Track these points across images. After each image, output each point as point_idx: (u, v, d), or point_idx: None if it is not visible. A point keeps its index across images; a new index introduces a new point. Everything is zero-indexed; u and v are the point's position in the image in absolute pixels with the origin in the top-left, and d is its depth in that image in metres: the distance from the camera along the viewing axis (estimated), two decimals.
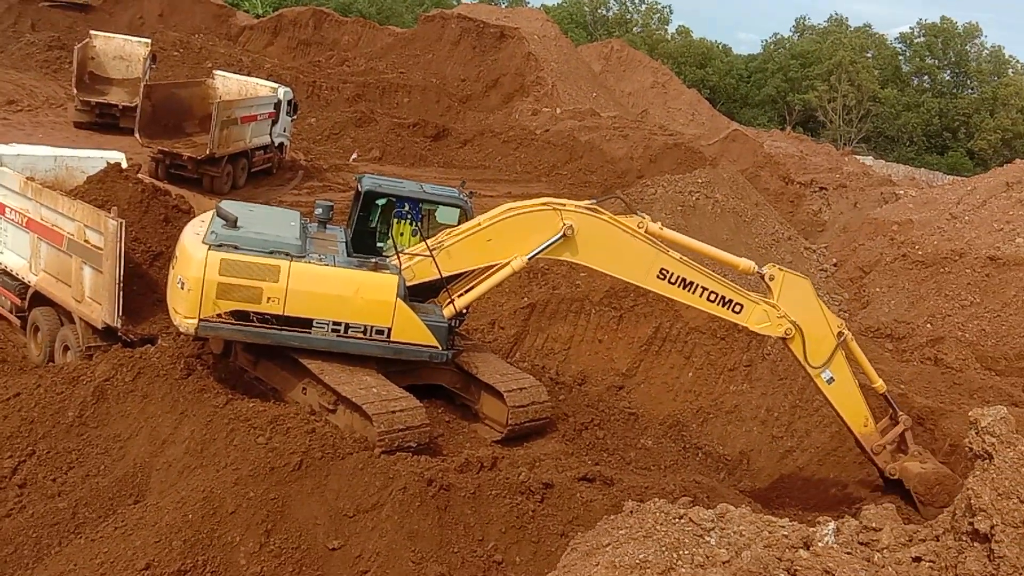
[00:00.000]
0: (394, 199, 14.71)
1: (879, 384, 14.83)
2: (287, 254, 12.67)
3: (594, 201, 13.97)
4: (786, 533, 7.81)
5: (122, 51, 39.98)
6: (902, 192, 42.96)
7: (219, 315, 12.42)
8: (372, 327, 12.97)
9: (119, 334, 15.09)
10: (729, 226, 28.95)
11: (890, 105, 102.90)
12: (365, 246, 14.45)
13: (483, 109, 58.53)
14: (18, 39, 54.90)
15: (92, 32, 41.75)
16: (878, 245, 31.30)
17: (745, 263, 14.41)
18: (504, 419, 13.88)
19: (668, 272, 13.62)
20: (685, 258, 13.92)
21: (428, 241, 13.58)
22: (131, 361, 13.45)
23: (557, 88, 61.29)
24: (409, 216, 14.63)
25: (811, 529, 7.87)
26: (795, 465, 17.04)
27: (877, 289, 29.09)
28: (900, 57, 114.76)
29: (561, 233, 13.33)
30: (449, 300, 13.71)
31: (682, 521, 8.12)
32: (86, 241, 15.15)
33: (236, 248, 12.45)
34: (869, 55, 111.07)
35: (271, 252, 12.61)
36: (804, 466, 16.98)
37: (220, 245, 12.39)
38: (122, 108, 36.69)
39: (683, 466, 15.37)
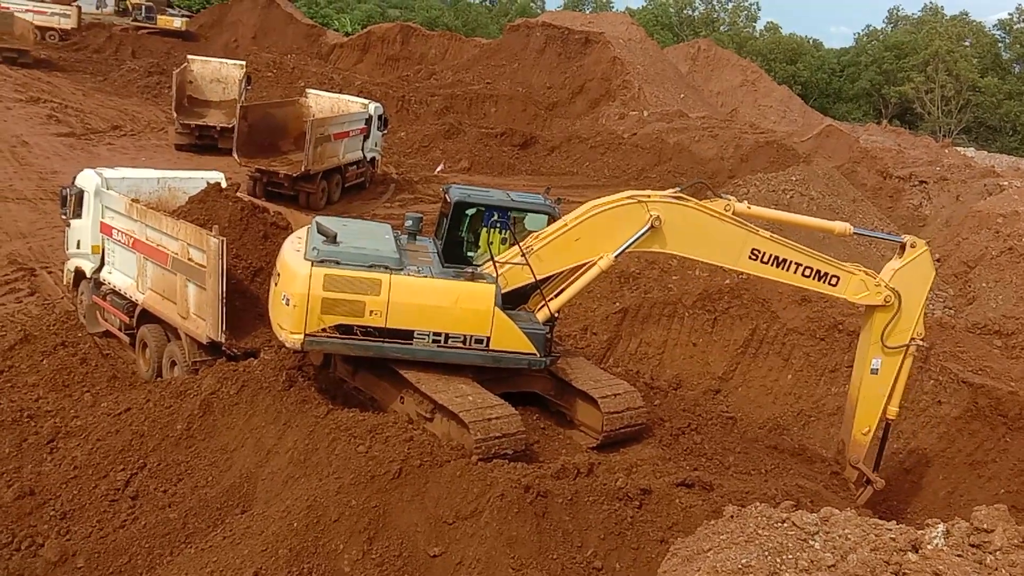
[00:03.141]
0: (483, 208, 14.81)
1: (894, 411, 14.45)
2: (387, 267, 12.82)
3: (678, 189, 13.86)
4: (893, 536, 7.60)
5: (218, 74, 41.22)
6: (1006, 183, 41.31)
7: (324, 329, 12.60)
8: (471, 336, 13.06)
9: (223, 348, 15.51)
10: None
11: (991, 94, 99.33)
12: (456, 256, 14.58)
13: (570, 115, 58.51)
14: (120, 66, 57.26)
15: (189, 56, 43.20)
16: (983, 239, 30.15)
17: (840, 225, 14.39)
18: (599, 425, 13.82)
19: (760, 252, 13.52)
20: (775, 236, 13.76)
21: (518, 246, 13.63)
22: (235, 374, 13.83)
23: (644, 91, 60.87)
24: (498, 224, 14.71)
25: (919, 532, 7.64)
26: (901, 468, 16.55)
27: (983, 284, 28.04)
28: (1000, 44, 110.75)
29: (648, 225, 13.29)
30: (543, 303, 13.72)
31: (785, 525, 7.98)
32: (190, 259, 15.63)
33: (338, 263, 12.62)
34: (967, 43, 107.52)
35: (371, 266, 12.77)
36: (911, 468, 16.49)
37: (322, 261, 12.58)
38: (220, 129, 37.91)
39: (784, 470, 15.07)
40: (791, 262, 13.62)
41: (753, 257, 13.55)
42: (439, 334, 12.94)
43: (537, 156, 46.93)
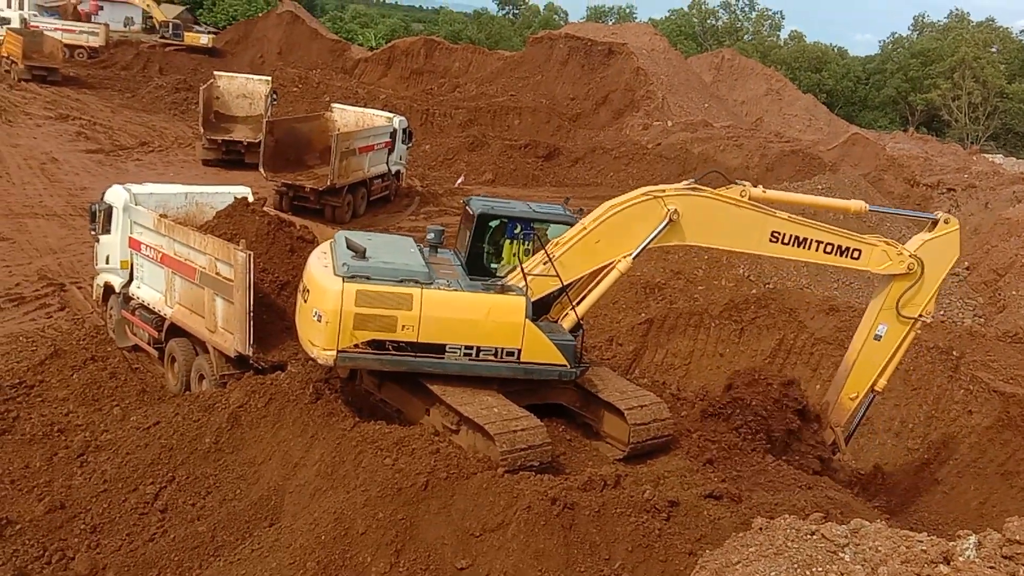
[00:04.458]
0: (506, 220, 14.84)
1: (883, 383, 14.66)
2: (417, 282, 12.79)
3: (692, 180, 13.82)
4: (924, 548, 7.51)
5: (245, 89, 41.64)
6: None
7: (356, 345, 12.55)
8: (503, 349, 13.04)
9: (251, 362, 15.61)
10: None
11: (1018, 100, 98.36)
12: (479, 268, 14.59)
13: (593, 126, 58.57)
14: (147, 83, 57.96)
15: (216, 73, 43.71)
16: (1013, 246, 29.84)
17: (856, 204, 14.53)
18: (626, 437, 13.76)
19: (780, 233, 13.57)
20: (794, 216, 13.79)
21: (539, 256, 13.62)
22: (263, 388, 13.90)
23: (668, 101, 60.85)
24: (521, 236, 14.73)
25: (951, 543, 7.54)
26: (932, 478, 16.37)
27: (1014, 292, 27.73)
28: None
29: (667, 219, 13.28)
30: (571, 307, 13.67)
31: (814, 537, 7.90)
32: (217, 274, 15.75)
33: (368, 279, 12.58)
34: (994, 49, 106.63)
35: (401, 280, 12.73)
36: (942, 479, 16.31)
37: (353, 276, 12.53)
38: (247, 144, 38.26)
39: (813, 482, 14.94)
40: (812, 240, 13.67)
41: (774, 239, 13.62)
42: (471, 347, 12.91)
43: (561, 167, 46.97)
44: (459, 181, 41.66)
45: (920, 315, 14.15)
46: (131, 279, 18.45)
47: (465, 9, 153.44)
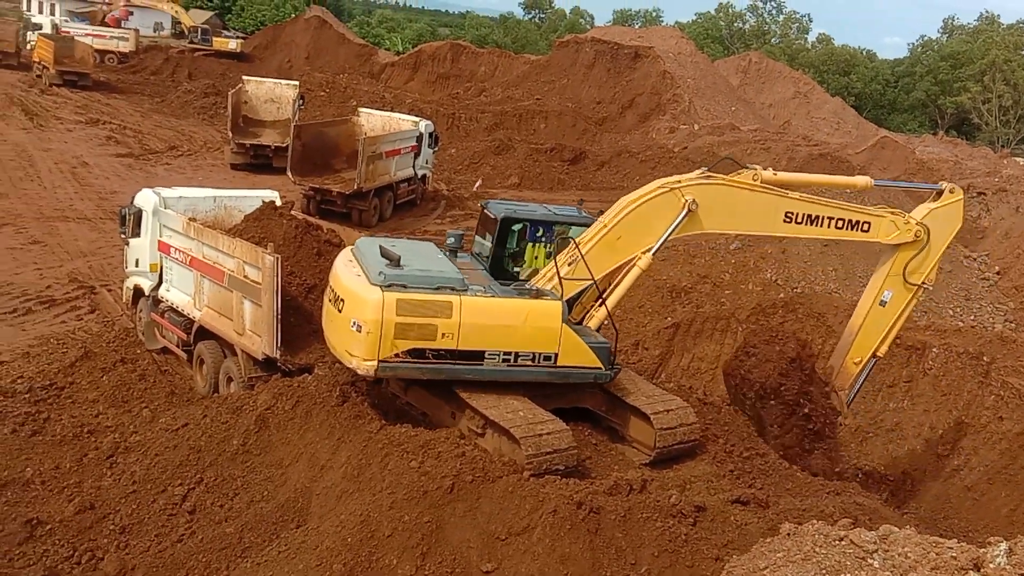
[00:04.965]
0: (529, 223, 14.85)
1: (884, 349, 15.01)
2: (453, 288, 12.71)
3: (705, 169, 13.83)
4: (954, 555, 7.44)
5: (273, 94, 41.92)
6: None
7: (396, 355, 12.44)
8: (540, 354, 13.02)
9: (278, 364, 15.68)
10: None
11: None
12: (501, 272, 14.59)
13: (619, 130, 58.46)
14: (176, 88, 58.54)
15: (244, 77, 44.02)
16: None
17: (862, 180, 14.95)
18: (652, 442, 13.71)
19: (793, 213, 13.79)
20: (804, 194, 14.03)
21: (561, 258, 13.60)
22: (290, 390, 13.96)
23: (694, 104, 60.65)
24: (544, 239, 14.74)
25: (981, 550, 7.46)
26: (962, 484, 16.21)
27: None
28: None
29: (685, 210, 13.31)
30: (597, 302, 13.63)
31: (842, 543, 7.84)
32: (245, 277, 15.85)
33: (405, 287, 12.45)
34: None
35: (437, 288, 12.63)
36: (972, 485, 16.13)
37: (390, 285, 12.39)
38: (274, 148, 38.54)
39: (842, 487, 14.84)
40: (823, 217, 13.93)
41: (787, 220, 13.83)
42: (509, 353, 12.86)
43: (587, 171, 46.92)
44: (477, 185, 41.70)
45: (923, 282, 14.59)
46: (160, 282, 18.61)
47: (491, 13, 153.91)
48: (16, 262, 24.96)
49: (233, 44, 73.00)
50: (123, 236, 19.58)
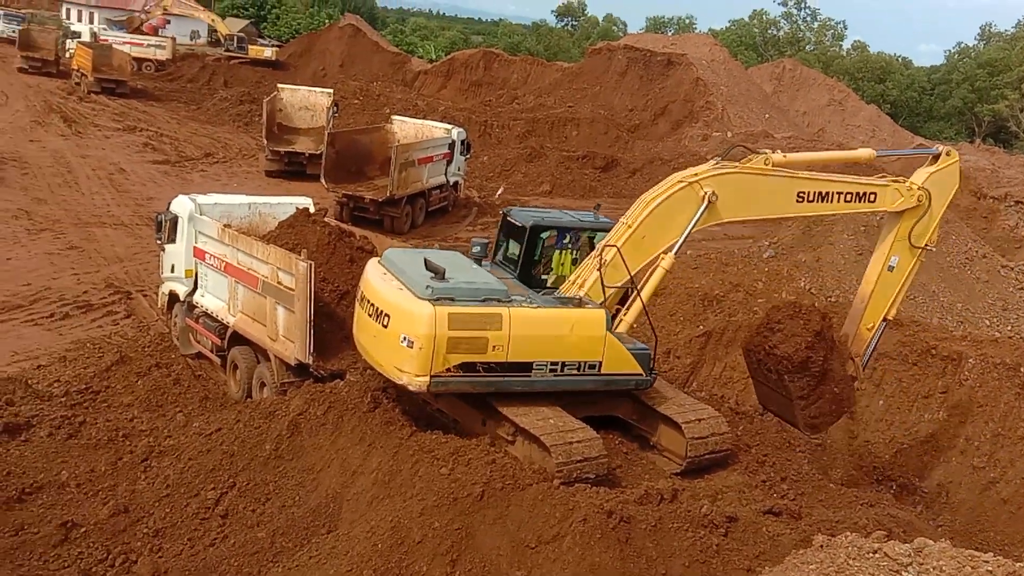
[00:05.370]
0: (556, 231, 14.85)
1: (894, 312, 15.27)
2: (499, 300, 12.61)
3: (718, 160, 13.76)
4: (990, 568, 7.35)
5: (307, 102, 42.23)
6: None
7: (448, 369, 12.28)
8: (585, 363, 13.00)
9: (311, 370, 15.78)
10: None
11: None
12: (528, 280, 14.57)
13: (652, 137, 58.31)
14: (212, 95, 59.19)
15: (279, 85, 44.41)
16: None
17: (865, 152, 15.24)
18: (683, 451, 13.64)
19: (805, 193, 13.93)
20: (812, 172, 14.18)
21: (588, 264, 13.54)
22: (322, 395, 14.01)
23: (727, 112, 60.37)
24: (570, 246, 14.75)
25: (1018, 564, 7.37)
26: (999, 497, 15.95)
27: None
28: None
29: (706, 203, 13.27)
30: (636, 296, 13.59)
31: (876, 556, 7.77)
32: (279, 283, 15.97)
33: (452, 300, 12.29)
34: None
35: (484, 300, 12.52)
36: (1009, 498, 15.88)
37: (438, 299, 12.21)
38: (308, 156, 38.83)
39: (875, 499, 14.67)
40: (832, 193, 14.09)
41: (800, 200, 13.93)
42: (556, 363, 12.81)
43: (619, 178, 46.83)
44: (499, 192, 41.68)
45: (927, 244, 14.91)
46: (195, 288, 18.80)
47: (524, 21, 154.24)
48: (54, 267, 25.33)
49: (268, 52, 73.71)
50: (159, 242, 19.81)
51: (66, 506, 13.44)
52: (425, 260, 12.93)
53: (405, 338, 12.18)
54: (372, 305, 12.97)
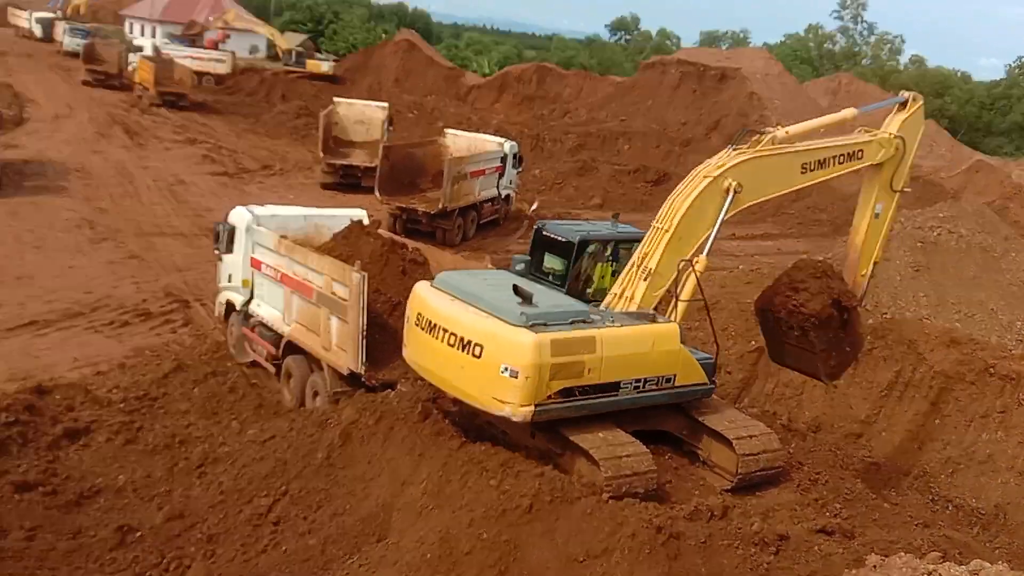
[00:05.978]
0: (601, 244, 14.85)
1: (880, 254, 15.92)
2: (584, 321, 12.52)
3: (732, 148, 13.78)
4: None
5: (362, 115, 42.70)
6: None
7: (550, 396, 12.13)
8: (663, 377, 13.07)
9: (363, 380, 15.94)
10: (976, 262, 27.04)
11: None
12: (576, 294, 14.53)
13: (705, 151, 57.41)
14: (270, 109, 60.05)
15: (335, 99, 44.95)
16: None
17: (849, 112, 15.90)
18: (734, 468, 13.51)
19: (807, 163, 14.37)
20: (808, 142, 14.54)
21: (628, 274, 13.45)
22: (374, 405, 14.14)
23: (782, 126, 59.71)
24: (609, 258, 14.75)
25: None
26: None
27: None
28: None
29: (731, 194, 13.36)
30: (674, 305, 13.44)
31: None
32: (333, 293, 16.17)
33: (545, 325, 12.11)
34: None
35: (571, 323, 12.41)
36: None
37: (533, 325, 12.03)
38: (363, 169, 39.24)
39: (931, 520, 14.40)
40: (828, 158, 14.60)
41: (803, 171, 14.34)
42: (639, 380, 12.85)
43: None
44: (534, 207, 41.57)
45: (904, 187, 15.69)
46: (251, 297, 19.09)
47: (578, 36, 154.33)
48: (115, 276, 25.88)
49: (326, 66, 74.55)
50: (217, 252, 20.14)
51: (123, 510, 13.72)
52: (514, 286, 12.78)
53: (507, 368, 11.87)
54: (457, 336, 12.44)
